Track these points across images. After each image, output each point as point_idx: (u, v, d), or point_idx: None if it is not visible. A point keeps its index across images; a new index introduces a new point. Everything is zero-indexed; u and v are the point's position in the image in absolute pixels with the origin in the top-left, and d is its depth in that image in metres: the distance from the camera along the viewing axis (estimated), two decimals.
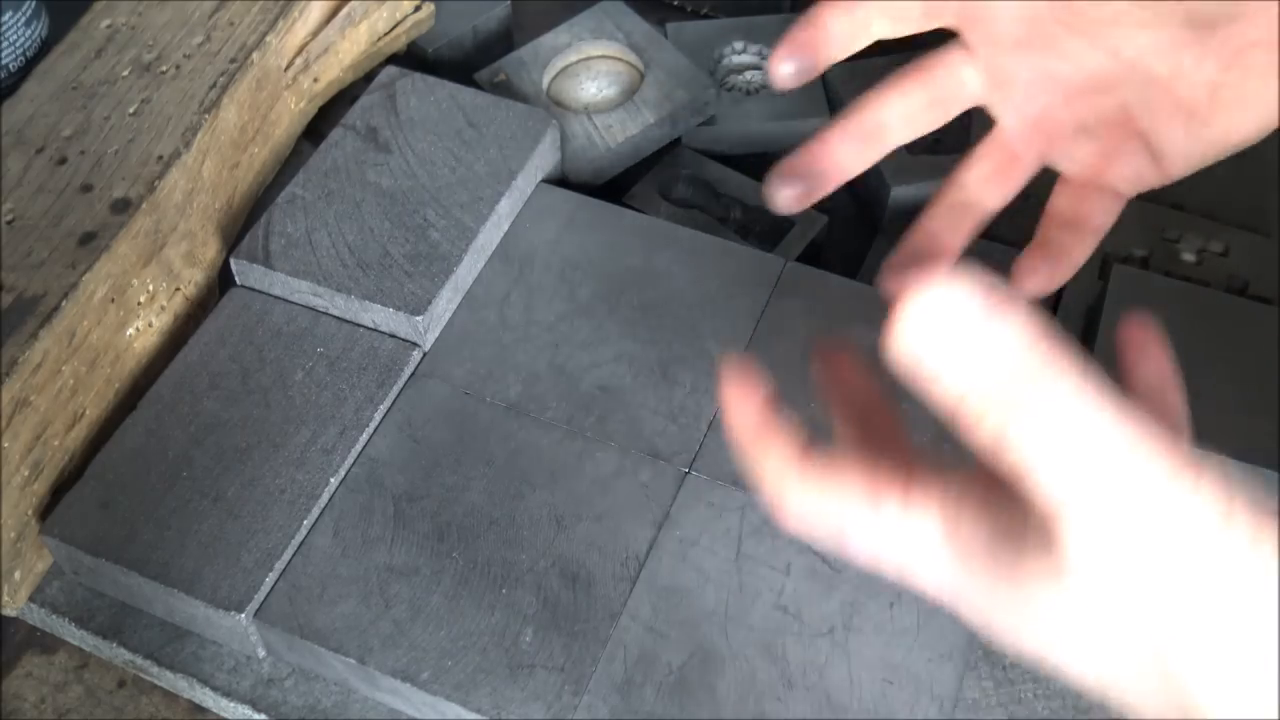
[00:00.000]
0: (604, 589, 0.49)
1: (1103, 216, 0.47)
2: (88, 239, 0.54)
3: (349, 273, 0.56)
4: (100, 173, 0.56)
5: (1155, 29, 0.41)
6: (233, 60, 0.61)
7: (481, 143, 0.61)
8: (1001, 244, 0.65)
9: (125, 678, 0.54)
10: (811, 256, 0.63)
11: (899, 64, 0.70)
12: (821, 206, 0.65)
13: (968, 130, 0.66)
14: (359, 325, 0.56)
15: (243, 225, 0.63)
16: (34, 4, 0.70)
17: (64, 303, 0.51)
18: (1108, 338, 0.56)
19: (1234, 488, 0.28)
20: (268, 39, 0.62)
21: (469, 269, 0.58)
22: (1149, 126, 0.44)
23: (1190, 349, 0.56)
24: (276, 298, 0.57)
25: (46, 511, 0.52)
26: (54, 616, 0.52)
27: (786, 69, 0.43)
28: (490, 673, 0.47)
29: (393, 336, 0.56)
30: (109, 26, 0.63)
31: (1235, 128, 0.42)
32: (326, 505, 0.51)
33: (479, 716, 0.46)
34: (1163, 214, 0.63)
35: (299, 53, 0.64)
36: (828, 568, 0.49)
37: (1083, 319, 0.60)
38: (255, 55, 0.61)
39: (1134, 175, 0.45)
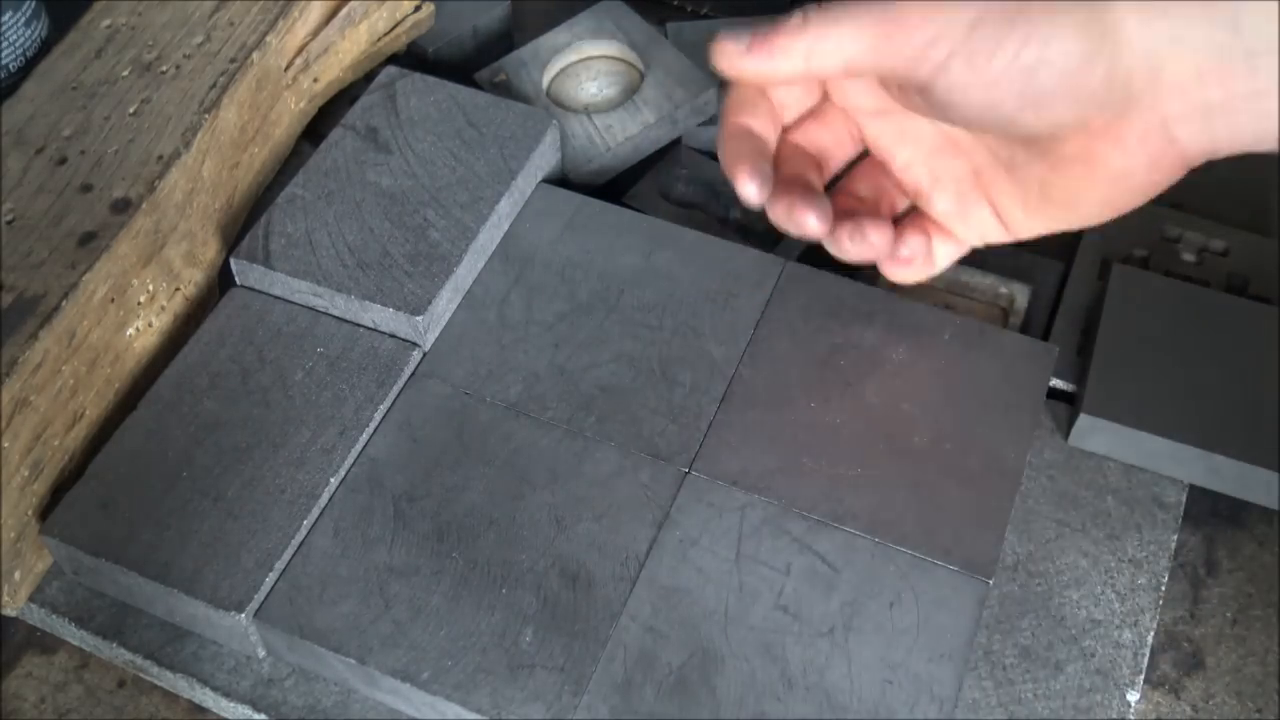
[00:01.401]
0: (604, 589, 0.49)
1: (944, 260, 0.53)
2: (88, 239, 0.54)
3: (349, 273, 0.56)
4: (100, 173, 0.56)
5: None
6: (233, 60, 0.61)
7: (481, 143, 0.61)
8: None
9: (125, 678, 0.54)
10: (811, 256, 0.63)
11: None
12: None
13: None
14: (359, 325, 0.56)
15: (243, 225, 0.63)
16: (34, 4, 0.70)
17: (64, 303, 0.51)
18: (1108, 337, 0.56)
19: None
20: (268, 39, 0.62)
21: (469, 269, 0.58)
22: (994, 196, 0.49)
23: (1190, 349, 0.56)
24: (276, 298, 0.57)
25: (46, 511, 0.52)
26: (54, 616, 0.52)
27: (751, 190, 0.48)
28: (490, 673, 0.47)
29: (393, 336, 0.56)
30: (109, 26, 0.63)
31: (1067, 217, 0.47)
32: (326, 505, 0.51)
33: (479, 716, 0.46)
34: (1162, 214, 0.64)
35: (299, 53, 0.65)
36: (828, 568, 0.50)
37: (1083, 319, 0.60)
38: (255, 55, 0.61)
39: (980, 232, 0.51)
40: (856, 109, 0.50)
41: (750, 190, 0.47)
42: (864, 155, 0.53)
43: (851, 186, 0.53)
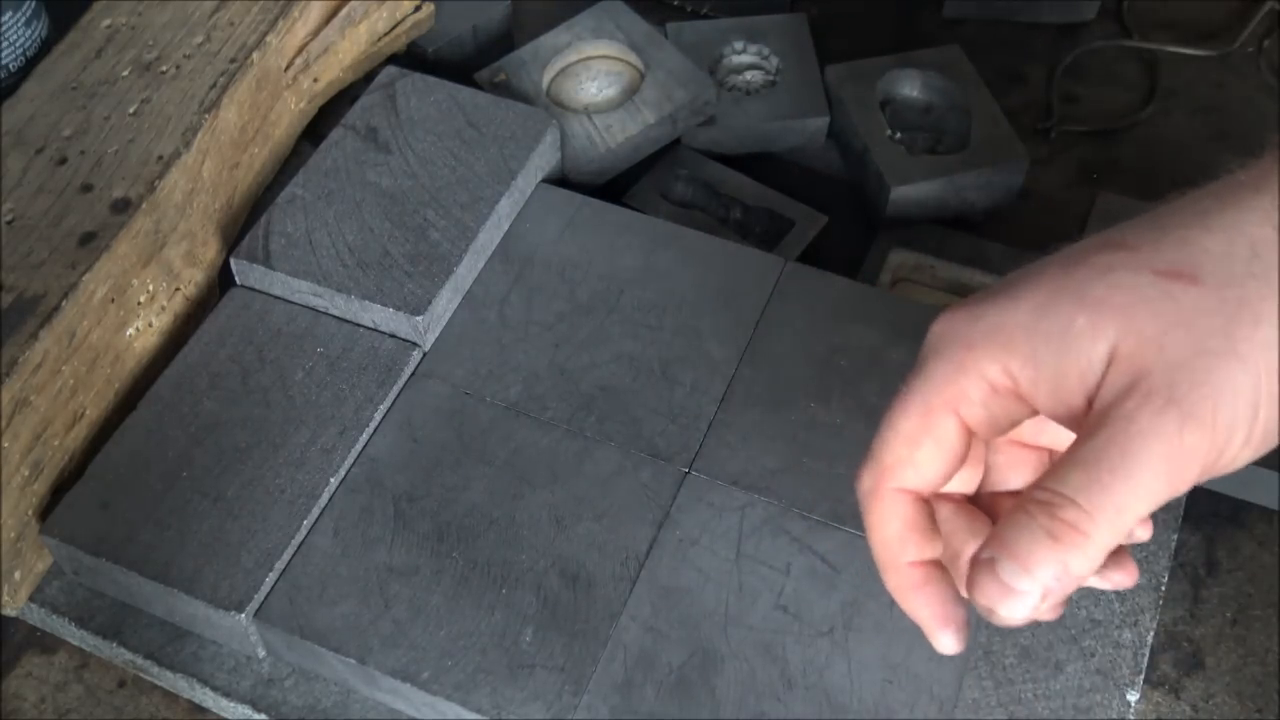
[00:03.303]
0: (604, 589, 0.49)
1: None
2: (88, 239, 0.54)
3: (349, 273, 0.56)
4: (100, 173, 0.56)
5: None
6: (233, 60, 0.61)
7: (481, 143, 0.61)
8: (1000, 244, 0.66)
9: (125, 678, 0.54)
10: (811, 256, 0.63)
11: (897, 63, 0.70)
12: (821, 206, 0.66)
13: (966, 133, 0.66)
14: (359, 325, 0.56)
15: (243, 225, 0.63)
16: (34, 4, 0.70)
17: (64, 303, 0.51)
18: None
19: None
20: (268, 39, 0.61)
21: (469, 269, 0.58)
22: None
23: None
24: (276, 298, 0.57)
25: (46, 511, 0.52)
26: (54, 616, 0.52)
27: (949, 642, 0.37)
28: (490, 673, 0.47)
29: (393, 336, 0.56)
30: (109, 26, 0.63)
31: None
32: (326, 505, 0.51)
33: (479, 716, 0.46)
34: None
35: (299, 53, 0.64)
36: (828, 568, 0.49)
37: None
38: (255, 55, 0.61)
39: None
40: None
41: (949, 643, 0.37)
42: None
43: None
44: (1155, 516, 0.53)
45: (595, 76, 0.69)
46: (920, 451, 0.36)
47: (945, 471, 0.36)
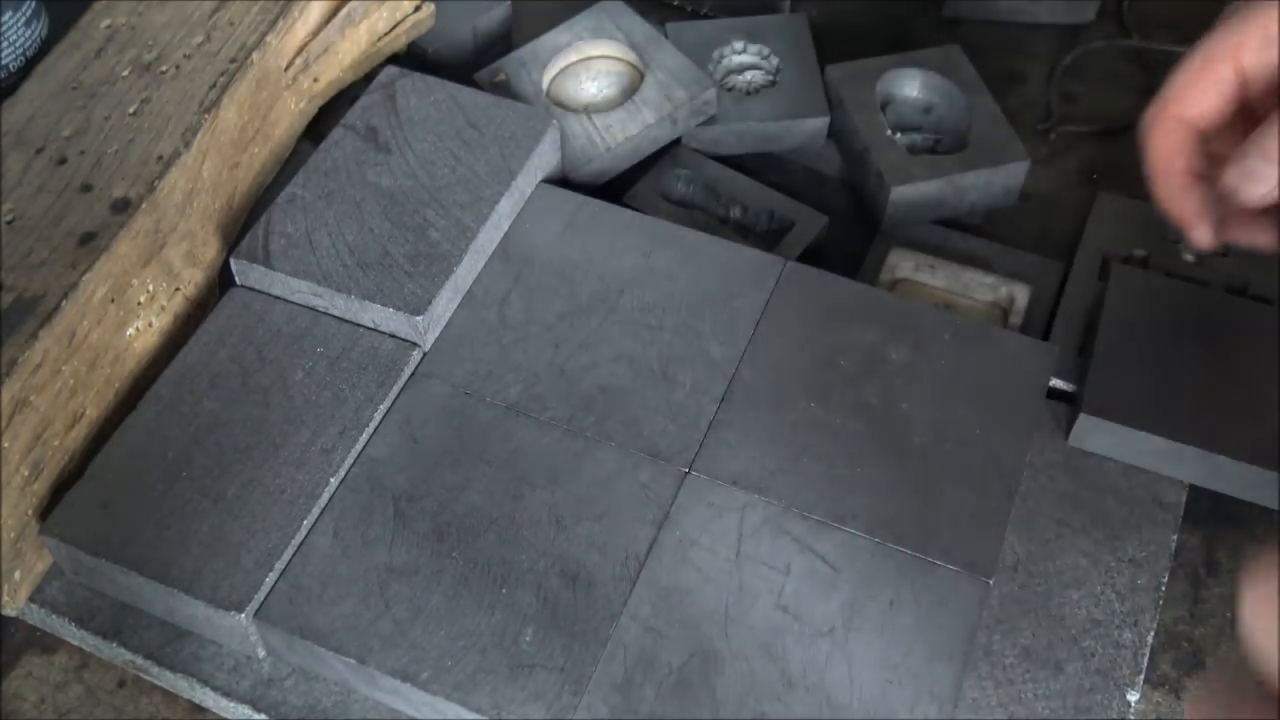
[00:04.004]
0: (604, 589, 0.49)
1: None
2: (88, 239, 0.54)
3: (349, 273, 0.56)
4: (100, 173, 0.56)
5: None
6: (233, 60, 0.61)
7: (481, 143, 0.61)
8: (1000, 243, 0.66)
9: (125, 678, 0.54)
10: (811, 256, 0.63)
11: (897, 63, 0.70)
12: (821, 206, 0.66)
13: (966, 133, 0.66)
14: (359, 325, 0.56)
15: (243, 225, 0.63)
16: (34, 4, 0.70)
17: (64, 303, 0.51)
18: (1108, 337, 0.56)
19: None
20: (268, 39, 0.62)
21: (469, 269, 0.58)
22: None
23: (1190, 349, 0.56)
24: (276, 298, 0.57)
25: (46, 511, 0.52)
26: (54, 616, 0.52)
27: (1204, 233, 0.47)
28: (490, 673, 0.47)
29: (393, 336, 0.56)
30: (109, 26, 0.63)
31: None
32: (326, 505, 0.51)
33: (479, 716, 0.46)
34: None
35: (299, 53, 0.65)
36: (828, 568, 0.50)
37: (1083, 319, 0.60)
38: (255, 55, 0.61)
39: None
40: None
41: (1203, 235, 0.47)
42: None
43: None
44: (1155, 517, 0.54)
45: (595, 76, 0.69)
46: (1199, 88, 0.45)
47: (1219, 107, 0.45)
